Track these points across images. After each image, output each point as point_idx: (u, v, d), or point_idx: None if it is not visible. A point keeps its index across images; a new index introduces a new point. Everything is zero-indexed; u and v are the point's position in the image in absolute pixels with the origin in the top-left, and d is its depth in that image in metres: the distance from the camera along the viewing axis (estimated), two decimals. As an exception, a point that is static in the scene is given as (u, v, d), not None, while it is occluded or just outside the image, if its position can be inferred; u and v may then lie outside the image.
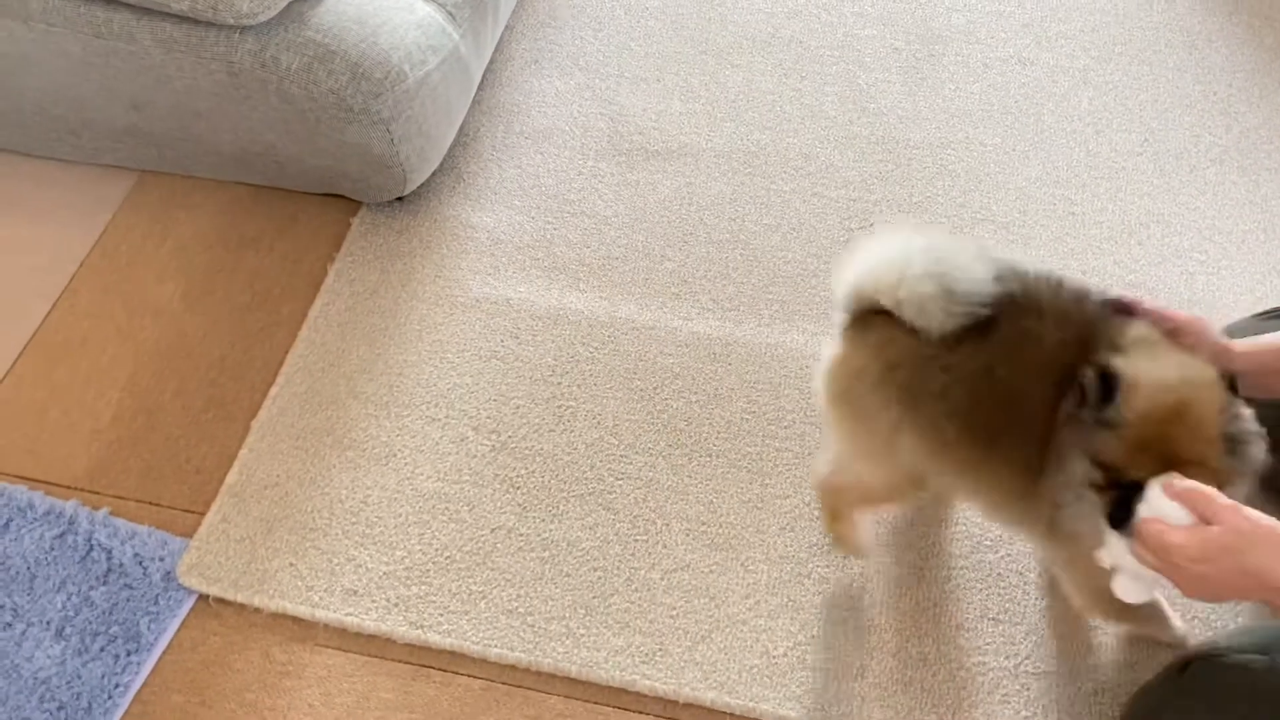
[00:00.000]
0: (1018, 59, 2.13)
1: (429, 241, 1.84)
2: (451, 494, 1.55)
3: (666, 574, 1.49)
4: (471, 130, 1.99)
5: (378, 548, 1.51)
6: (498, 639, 1.43)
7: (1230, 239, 1.85)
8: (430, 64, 1.68)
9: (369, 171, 1.73)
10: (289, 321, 1.74)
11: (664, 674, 1.40)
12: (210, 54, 1.59)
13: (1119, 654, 1.41)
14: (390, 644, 1.44)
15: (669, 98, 2.06)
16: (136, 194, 1.92)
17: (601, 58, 2.13)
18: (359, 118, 1.62)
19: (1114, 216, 1.88)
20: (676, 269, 1.81)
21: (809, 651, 1.42)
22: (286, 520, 1.53)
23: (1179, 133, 2.01)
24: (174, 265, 1.83)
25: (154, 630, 1.43)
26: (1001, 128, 2.01)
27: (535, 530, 1.52)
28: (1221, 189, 1.92)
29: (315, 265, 1.81)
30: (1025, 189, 1.92)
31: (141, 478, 1.58)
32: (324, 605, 1.46)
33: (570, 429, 1.62)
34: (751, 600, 1.46)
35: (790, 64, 2.12)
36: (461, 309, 1.75)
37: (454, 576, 1.48)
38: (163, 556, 1.49)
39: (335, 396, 1.66)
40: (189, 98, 1.67)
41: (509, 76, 2.09)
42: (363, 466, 1.58)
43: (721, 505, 1.55)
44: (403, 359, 1.70)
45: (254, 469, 1.58)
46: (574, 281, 1.79)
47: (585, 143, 1.99)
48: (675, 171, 1.95)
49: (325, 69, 1.58)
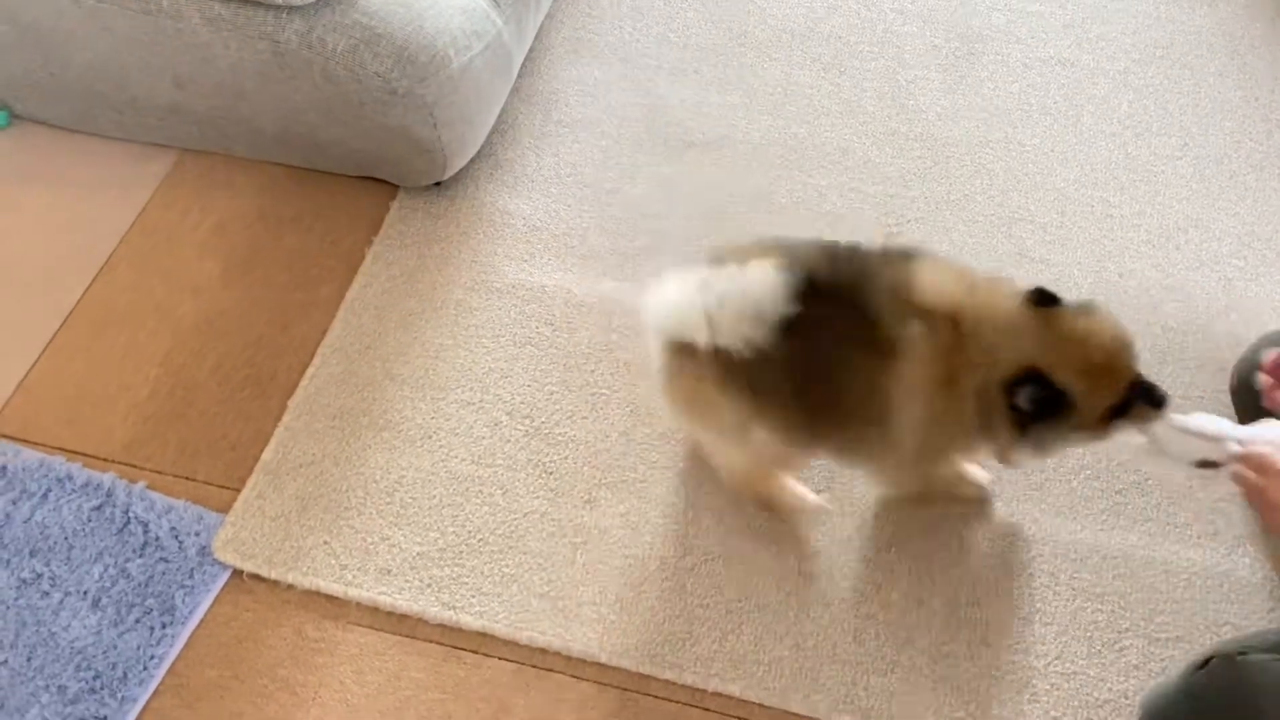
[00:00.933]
0: (1058, 60, 2.12)
1: (466, 227, 1.85)
2: (485, 477, 1.56)
3: (697, 564, 1.49)
4: (510, 118, 1.99)
5: (411, 528, 1.52)
6: (528, 622, 1.43)
7: (1269, 246, 1.84)
8: (474, 50, 1.69)
9: (410, 155, 1.74)
10: (326, 302, 1.75)
11: (693, 663, 1.41)
12: (257, 33, 1.60)
13: (1146, 659, 1.41)
14: (422, 624, 1.45)
15: (707, 89, 2.06)
16: (177, 172, 1.94)
17: (640, 48, 2.13)
18: (403, 101, 1.63)
19: (1152, 220, 1.87)
20: (712, 261, 1.81)
21: (838, 644, 1.42)
22: (321, 499, 1.54)
23: (1219, 138, 2.00)
24: (213, 243, 1.84)
25: (189, 604, 1.45)
26: (1040, 128, 2.01)
27: (568, 516, 1.53)
28: (1262, 195, 1.91)
29: (353, 248, 1.82)
30: (1063, 190, 1.91)
31: (178, 452, 1.60)
32: (357, 584, 1.47)
33: (603, 416, 1.63)
34: (781, 593, 1.47)
35: (829, 59, 2.11)
36: (497, 294, 1.76)
37: (486, 559, 1.49)
38: (198, 531, 1.50)
39: (371, 378, 1.67)
40: (233, 76, 1.68)
41: (548, 65, 2.09)
42: (398, 448, 1.59)
43: (753, 497, 1.55)
44: (439, 342, 1.70)
45: (290, 447, 1.59)
46: (609, 269, 1.80)
47: (622, 133, 1.99)
48: (712, 163, 1.95)
49: (371, 51, 1.59)
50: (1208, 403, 1.63)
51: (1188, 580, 1.48)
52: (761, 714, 1.38)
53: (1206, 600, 1.46)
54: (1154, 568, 1.48)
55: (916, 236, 1.84)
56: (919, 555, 1.49)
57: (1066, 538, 1.51)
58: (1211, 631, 1.43)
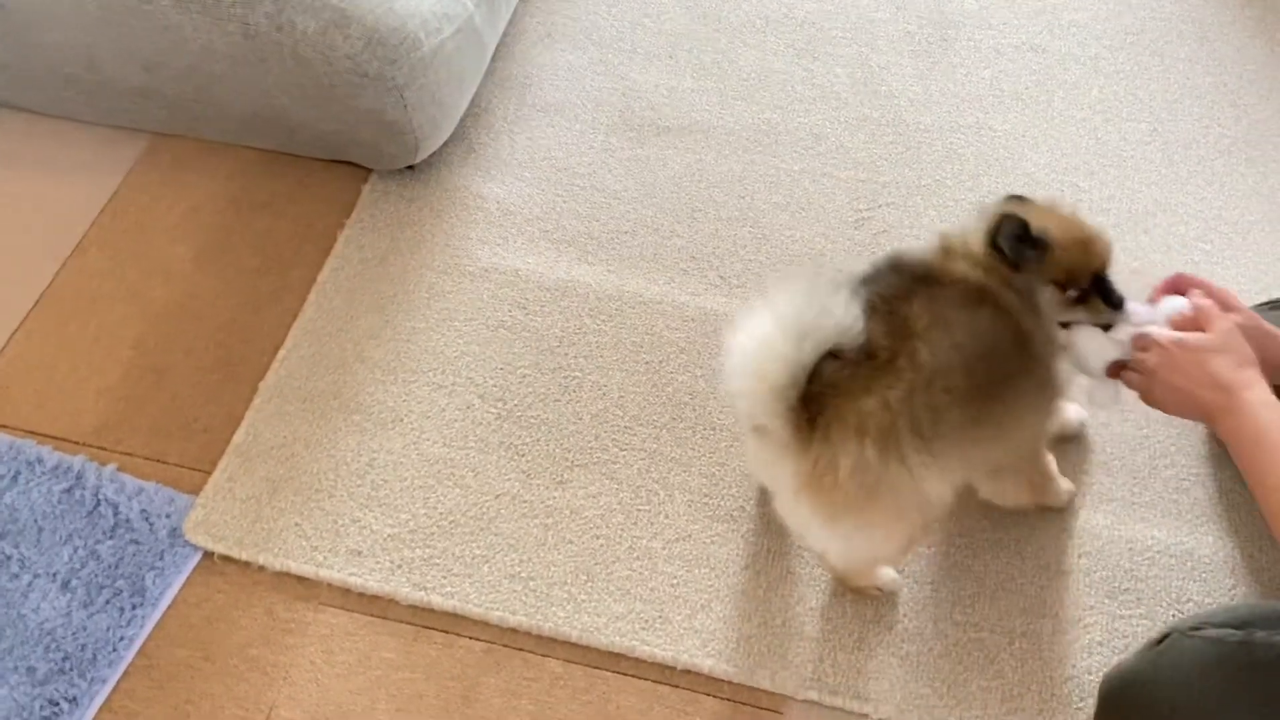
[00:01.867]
0: (1029, 45, 2.14)
1: (439, 210, 1.85)
2: (457, 459, 1.57)
3: (668, 543, 1.50)
4: (484, 101, 1.99)
5: (383, 510, 1.52)
6: (499, 602, 1.44)
7: (1236, 229, 1.86)
8: (445, 32, 1.69)
9: (381, 138, 1.74)
10: (298, 286, 1.75)
11: (663, 640, 1.42)
12: (226, 15, 1.59)
13: (1110, 635, 1.43)
14: (393, 605, 1.45)
15: (681, 74, 2.07)
16: (148, 156, 1.93)
17: (615, 33, 2.13)
18: (373, 83, 1.62)
19: (1121, 205, 1.89)
20: (685, 245, 1.82)
21: (806, 622, 1.44)
22: (292, 481, 1.55)
23: (1188, 123, 2.01)
24: (185, 227, 1.84)
25: (159, 585, 1.45)
26: (1012, 114, 2.02)
27: (539, 497, 1.54)
28: (1229, 180, 1.93)
29: (325, 231, 1.82)
30: (1034, 175, 1.92)
31: (149, 435, 1.60)
32: (328, 565, 1.47)
33: (575, 399, 1.64)
34: (751, 571, 1.48)
35: (803, 44, 2.12)
36: (470, 278, 1.77)
37: (458, 540, 1.49)
38: (169, 513, 1.51)
39: (343, 361, 1.67)
40: (203, 59, 1.68)
41: (522, 49, 2.09)
42: (369, 430, 1.59)
43: (724, 478, 1.56)
44: (410, 326, 1.71)
45: (261, 430, 1.59)
46: (582, 254, 1.80)
47: (597, 117, 2.00)
48: (686, 148, 1.96)
49: (341, 33, 1.59)
50: (1173, 384, 1.65)
51: (1151, 558, 1.49)
52: (730, 691, 1.39)
53: (1169, 578, 1.48)
54: (1118, 545, 1.50)
55: (888, 221, 1.85)
56: (887, 534, 1.51)
57: (1032, 517, 1.53)
58: (1174, 609, 1.45)
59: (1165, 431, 1.60)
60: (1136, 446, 1.59)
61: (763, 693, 1.39)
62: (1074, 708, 1.38)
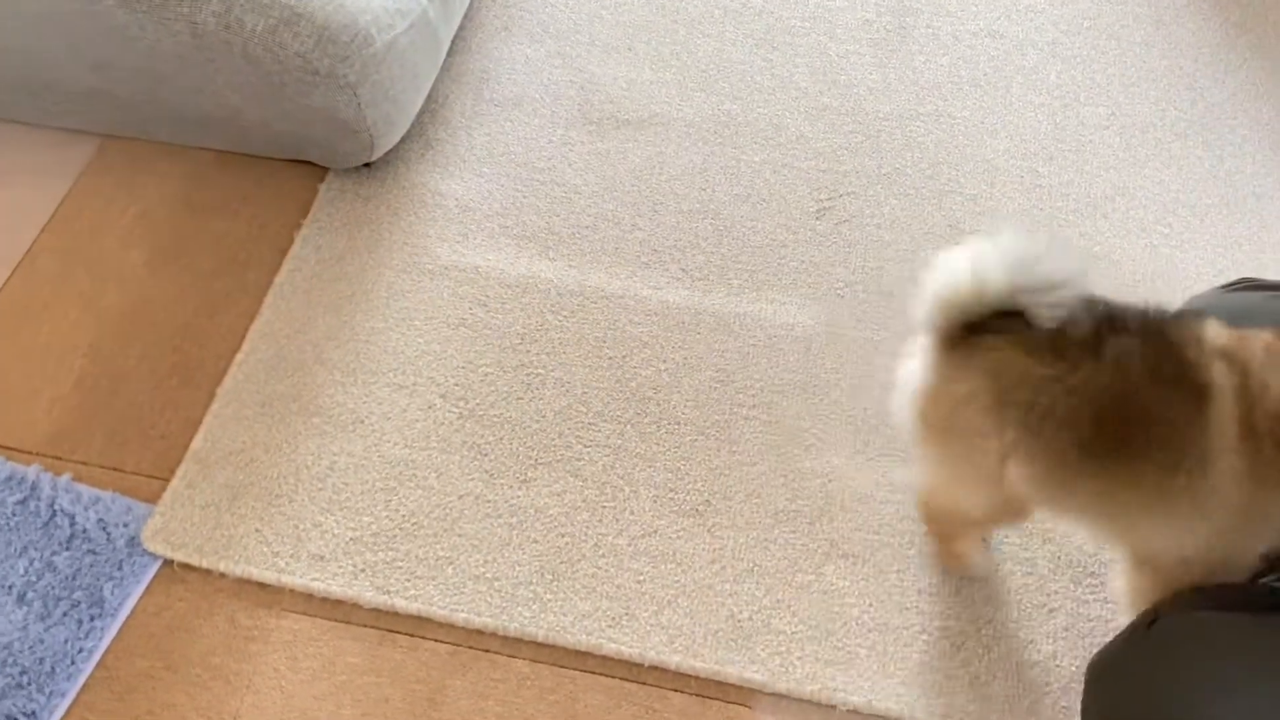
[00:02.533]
0: (988, 32, 2.14)
1: (397, 208, 1.83)
2: (419, 461, 1.55)
3: (633, 540, 1.49)
4: (440, 97, 1.97)
5: (344, 514, 1.50)
6: (464, 604, 1.43)
7: (1194, 212, 1.87)
8: (398, 28, 1.67)
9: (335, 137, 1.72)
10: (255, 288, 1.73)
11: (630, 638, 1.41)
12: (173, 14, 1.56)
13: (1075, 620, 1.43)
14: (356, 609, 1.44)
15: (640, 66, 2.06)
16: (100, 158, 1.90)
17: (572, 25, 2.11)
18: (325, 81, 1.60)
19: (1080, 190, 1.90)
20: (646, 238, 1.81)
21: (773, 615, 1.44)
22: (252, 486, 1.53)
23: (1145, 107, 2.02)
24: (138, 231, 1.81)
25: (118, 595, 1.43)
26: (970, 100, 2.02)
27: (503, 497, 1.52)
28: (1186, 163, 1.94)
29: (281, 232, 1.80)
30: (993, 161, 1.93)
31: (105, 443, 1.57)
32: (290, 571, 1.45)
33: (538, 397, 1.63)
34: (717, 566, 1.48)
35: (761, 34, 2.11)
36: (429, 276, 1.75)
37: (421, 542, 1.48)
38: (127, 522, 1.48)
39: (301, 363, 1.65)
40: (152, 60, 1.65)
41: (479, 43, 2.07)
42: (329, 433, 1.58)
43: (689, 472, 1.56)
44: (370, 326, 1.69)
45: (219, 435, 1.57)
46: (543, 250, 1.79)
47: (555, 111, 1.98)
48: (645, 141, 1.95)
49: (291, 31, 1.57)
50: (1134, 368, 1.66)
51: (1114, 542, 1.50)
52: (697, 686, 1.39)
53: (1132, 561, 1.49)
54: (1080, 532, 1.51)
55: (850, 211, 1.85)
56: (851, 526, 1.51)
57: (997, 504, 1.53)
58: (1137, 591, 1.46)
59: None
60: (1098, 431, 1.60)
61: (731, 686, 1.39)
62: (1040, 693, 1.38)
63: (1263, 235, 1.83)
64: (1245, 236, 1.83)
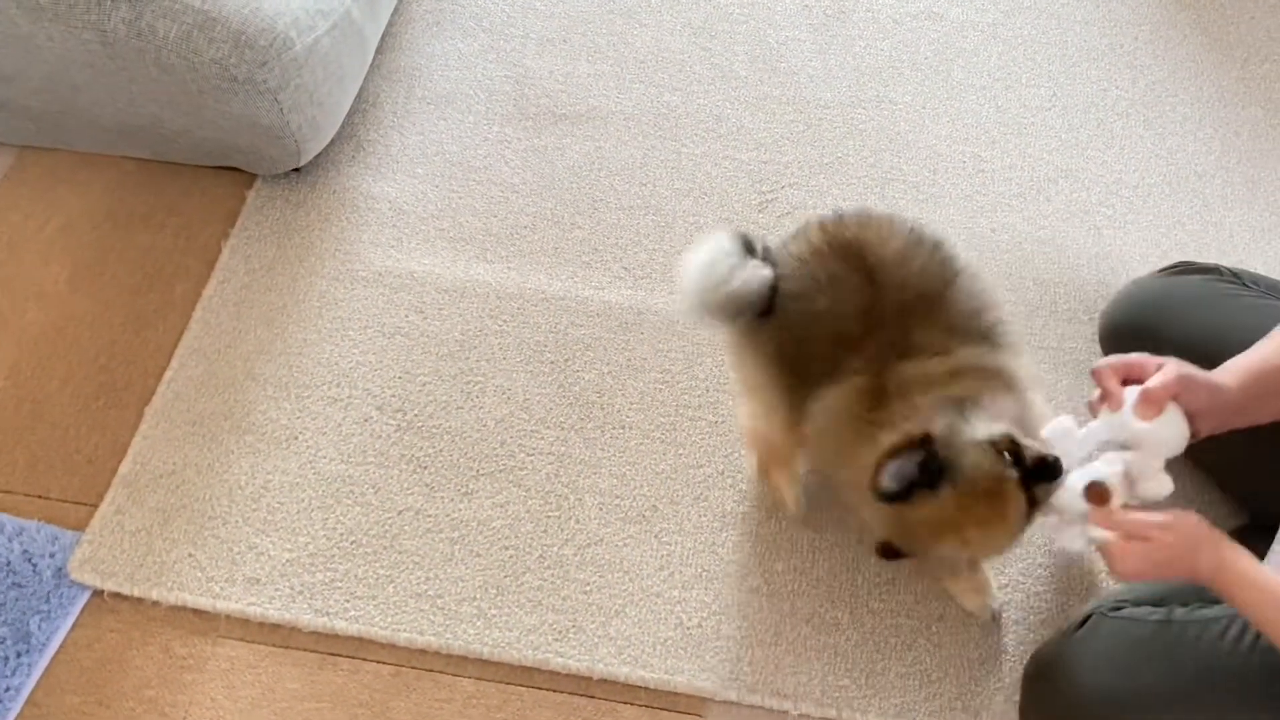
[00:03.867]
0: (927, 14, 2.11)
1: (328, 214, 1.78)
2: (356, 476, 1.51)
3: (579, 549, 1.47)
4: (370, 96, 1.92)
5: (280, 534, 1.46)
6: (406, 623, 1.40)
7: (1136, 193, 1.86)
8: (320, 29, 1.61)
9: (259, 143, 1.66)
10: (182, 302, 1.68)
11: (577, 651, 1.38)
12: (80, 22, 1.50)
13: (1026, 613, 1.42)
14: (295, 633, 1.40)
15: (576, 59, 2.01)
16: (16, 171, 1.83)
17: (505, 18, 2.06)
18: (244, 88, 1.55)
19: (1023, 173, 1.88)
20: (586, 237, 1.78)
21: (723, 621, 1.41)
22: (184, 509, 1.48)
23: (1086, 86, 2.01)
24: (59, 246, 1.74)
25: (46, 630, 1.38)
26: (912, 85, 2.00)
27: (444, 510, 1.49)
28: (1128, 143, 1.93)
29: (209, 242, 1.74)
30: (935, 147, 1.91)
31: (28, 470, 1.52)
32: (225, 596, 1.41)
33: (479, 405, 1.59)
34: (665, 572, 1.45)
35: (699, 22, 2.07)
36: (363, 284, 1.70)
37: (360, 561, 1.44)
38: (53, 552, 1.43)
39: (233, 379, 1.60)
40: (62, 69, 1.58)
41: (409, 39, 2.02)
42: (263, 451, 1.53)
43: (634, 477, 1.53)
44: (302, 338, 1.64)
45: (148, 457, 1.52)
46: (481, 252, 1.75)
47: (490, 107, 1.94)
48: (584, 135, 1.90)
49: (205, 37, 1.51)
50: (1080, 353, 1.66)
51: (1063, 531, 1.49)
52: (647, 697, 1.37)
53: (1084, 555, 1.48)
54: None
55: (792, 202, 1.82)
56: (800, 525, 1.49)
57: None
58: (1087, 579, 1.46)
59: (1073, 402, 1.60)
60: (1045, 419, 1.59)
61: (681, 696, 1.37)
62: (992, 688, 1.37)
63: (1205, 214, 1.83)
64: (1188, 215, 1.83)
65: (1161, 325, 1.45)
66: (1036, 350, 1.66)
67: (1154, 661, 1.16)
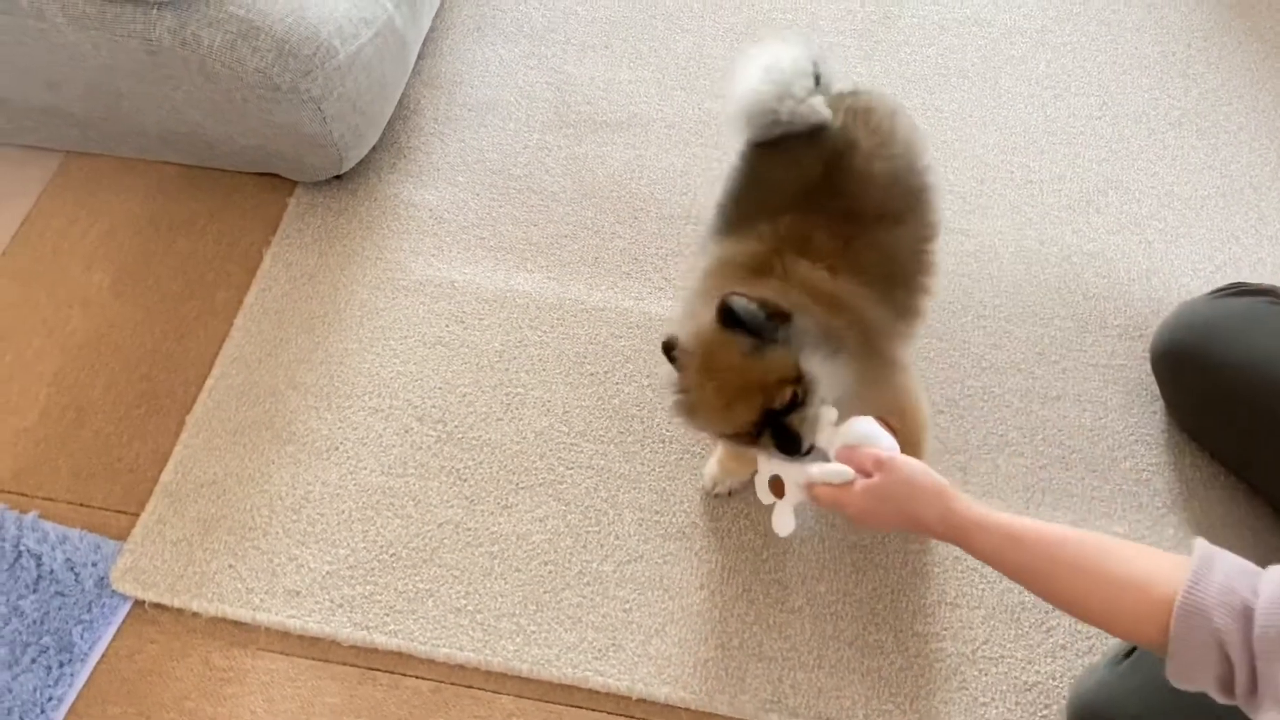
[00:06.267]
0: (974, 19, 2.08)
1: (369, 222, 1.77)
2: (396, 488, 1.51)
3: (619, 566, 1.45)
4: (411, 103, 1.91)
5: (320, 546, 1.46)
6: (446, 638, 1.39)
7: (1189, 205, 1.82)
8: (363, 37, 1.60)
9: (302, 151, 1.66)
10: (224, 309, 1.68)
11: (617, 670, 1.37)
12: (126, 31, 1.50)
13: (1074, 639, 1.40)
14: (335, 646, 1.39)
15: (617, 65, 1.99)
16: (61, 176, 1.84)
17: (546, 24, 2.05)
18: (287, 97, 1.54)
19: (1072, 184, 1.84)
20: (627, 246, 1.76)
21: (764, 641, 1.40)
22: (225, 520, 1.48)
23: (1137, 95, 1.97)
24: (102, 251, 1.75)
25: (88, 639, 1.38)
26: (959, 93, 1.96)
27: (483, 524, 1.48)
28: (1180, 153, 1.89)
29: (251, 249, 1.74)
30: (982, 157, 1.87)
31: (72, 478, 1.52)
32: (265, 608, 1.41)
33: (518, 417, 1.58)
34: (706, 591, 1.43)
35: (742, 28, 2.05)
36: (404, 293, 1.69)
37: (400, 574, 1.44)
38: (95, 561, 1.44)
39: (274, 388, 1.59)
40: (107, 77, 1.58)
41: (450, 45, 2.01)
42: (303, 461, 1.53)
43: (675, 493, 1.51)
44: (343, 347, 1.64)
45: (190, 466, 1.52)
46: (521, 261, 1.74)
47: (531, 114, 1.92)
48: (624, 143, 1.89)
49: (250, 46, 1.50)
50: (1131, 370, 1.62)
51: (1113, 555, 1.46)
52: (687, 718, 1.35)
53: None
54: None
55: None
56: (844, 545, 1.47)
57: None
58: (1137, 606, 1.42)
59: (1123, 421, 1.57)
60: (1094, 438, 1.56)
61: (721, 718, 1.35)
62: (1039, 716, 1.35)
63: (1260, 228, 1.78)
64: (1242, 229, 1.78)
65: (1213, 350, 1.42)
66: (1086, 367, 1.62)
67: (1204, 708, 1.13)
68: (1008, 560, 1.04)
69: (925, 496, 1.08)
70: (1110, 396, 1.59)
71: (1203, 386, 1.45)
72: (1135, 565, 0.96)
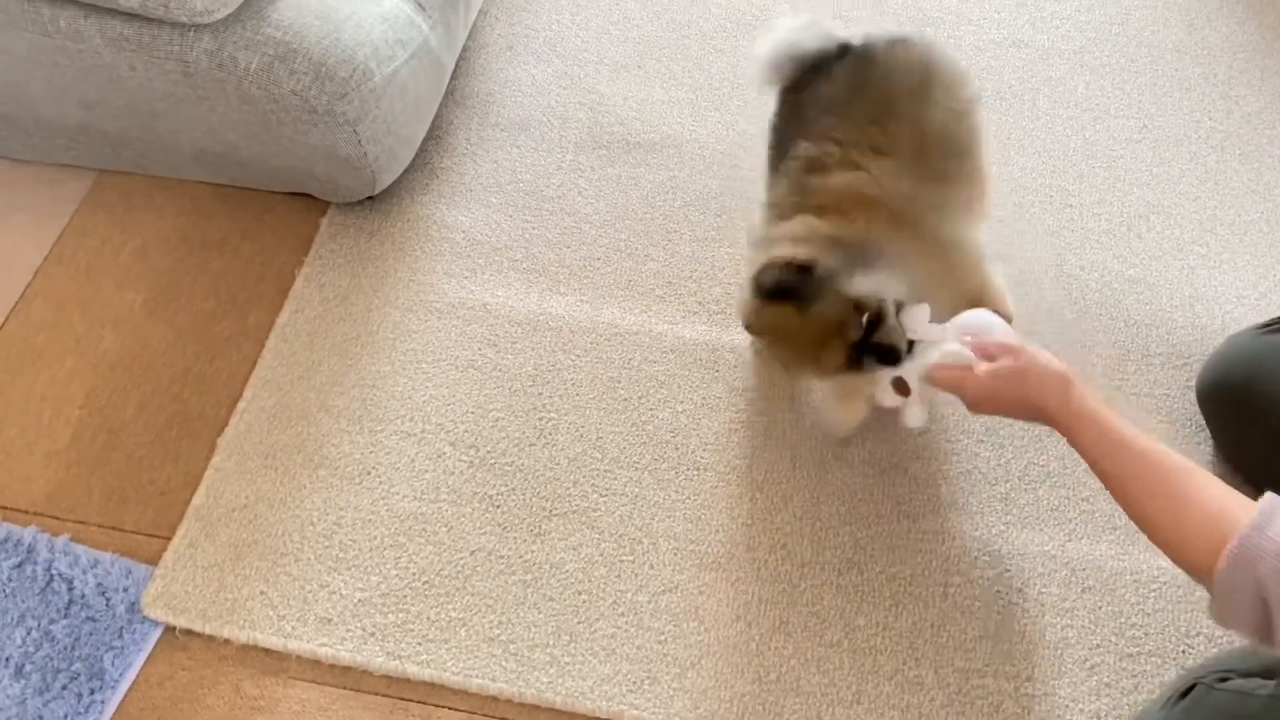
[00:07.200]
0: (1011, 41, 2.05)
1: (402, 243, 1.76)
2: (429, 514, 1.49)
3: (654, 596, 1.43)
4: (445, 123, 1.90)
5: (352, 573, 1.44)
6: (479, 669, 1.37)
7: (1232, 230, 1.79)
8: (398, 59, 1.60)
9: (336, 173, 1.65)
10: (256, 331, 1.67)
11: (652, 703, 1.35)
12: (163, 53, 1.49)
13: (1119, 676, 1.37)
14: (366, 675, 1.38)
15: (651, 85, 1.98)
16: (94, 194, 1.83)
17: (580, 43, 2.04)
18: (323, 119, 1.53)
19: (1112, 208, 1.82)
20: (661, 269, 1.74)
21: (802, 675, 1.37)
22: (256, 545, 1.47)
23: (1178, 118, 1.94)
24: (135, 271, 1.75)
25: (119, 666, 1.37)
26: (996, 114, 1.94)
27: (516, 552, 1.46)
28: (1223, 177, 1.86)
29: (283, 269, 1.74)
30: (1020, 180, 1.85)
31: (103, 501, 1.51)
32: (297, 635, 1.39)
33: (552, 443, 1.56)
34: (742, 623, 1.41)
35: (776, 48, 2.03)
36: (437, 315, 1.68)
37: (432, 603, 1.42)
38: (126, 586, 1.43)
39: (306, 411, 1.58)
40: (143, 97, 1.58)
41: (483, 65, 2.00)
42: (335, 486, 1.51)
43: (711, 521, 1.49)
44: (376, 370, 1.62)
45: (221, 490, 1.51)
46: (554, 284, 1.72)
47: (564, 134, 1.91)
48: (658, 164, 1.87)
49: (286, 69, 1.50)
50: (1173, 399, 1.59)
51: (1158, 590, 1.43)
52: (724, 754, 1.33)
53: (1178, 610, 1.42)
54: (1123, 579, 1.44)
55: (871, 235, 1.77)
56: (883, 577, 1.44)
57: (1034, 550, 1.46)
58: (1184, 643, 1.39)
59: (1167, 452, 1.54)
60: (1138, 470, 1.53)
61: (758, 754, 1.33)
62: (1084, 756, 1.32)
63: (1306, 254, 1.75)
64: (1287, 256, 1.75)
65: (1260, 387, 1.39)
66: (1128, 395, 1.60)
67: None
68: (1104, 462, 1.10)
69: (1051, 380, 1.14)
70: (1154, 427, 1.56)
71: (1252, 423, 1.42)
72: (1209, 494, 1.01)
